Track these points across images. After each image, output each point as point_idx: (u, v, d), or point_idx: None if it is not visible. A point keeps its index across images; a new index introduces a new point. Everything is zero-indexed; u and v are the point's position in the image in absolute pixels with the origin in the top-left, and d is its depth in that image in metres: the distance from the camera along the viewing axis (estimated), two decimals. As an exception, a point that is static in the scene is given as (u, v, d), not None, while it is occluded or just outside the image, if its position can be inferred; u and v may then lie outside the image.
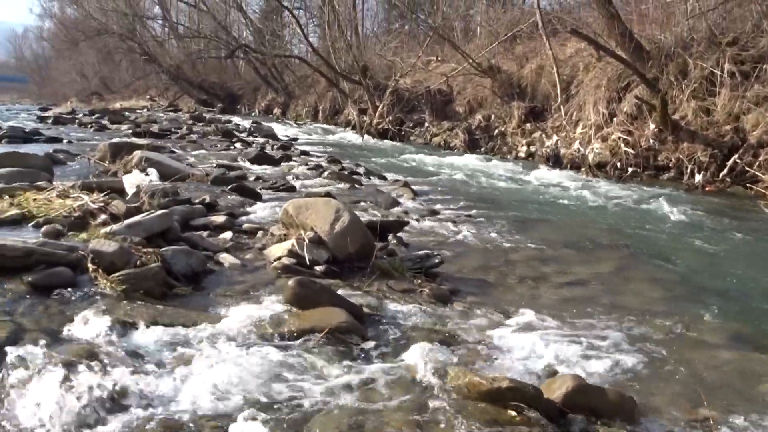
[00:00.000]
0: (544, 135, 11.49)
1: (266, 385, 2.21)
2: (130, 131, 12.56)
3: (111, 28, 28.54)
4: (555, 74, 10.87)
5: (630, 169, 9.24)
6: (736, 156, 8.15)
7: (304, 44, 24.04)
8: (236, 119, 20.41)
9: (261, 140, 12.71)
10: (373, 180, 8.05)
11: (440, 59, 16.37)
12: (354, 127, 17.50)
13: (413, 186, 7.37)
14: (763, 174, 7.74)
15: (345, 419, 2.03)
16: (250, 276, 3.46)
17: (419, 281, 3.73)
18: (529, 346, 2.88)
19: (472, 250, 4.74)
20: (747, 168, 8.01)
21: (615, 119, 9.89)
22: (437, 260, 4.06)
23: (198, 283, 3.26)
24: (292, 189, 6.59)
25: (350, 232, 3.76)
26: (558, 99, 10.72)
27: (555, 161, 10.69)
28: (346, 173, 8.05)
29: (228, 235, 4.13)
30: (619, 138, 9.53)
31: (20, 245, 2.91)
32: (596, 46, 10.30)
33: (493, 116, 13.44)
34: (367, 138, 15.66)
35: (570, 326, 3.22)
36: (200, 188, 5.94)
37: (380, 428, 2.00)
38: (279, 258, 3.63)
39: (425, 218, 5.67)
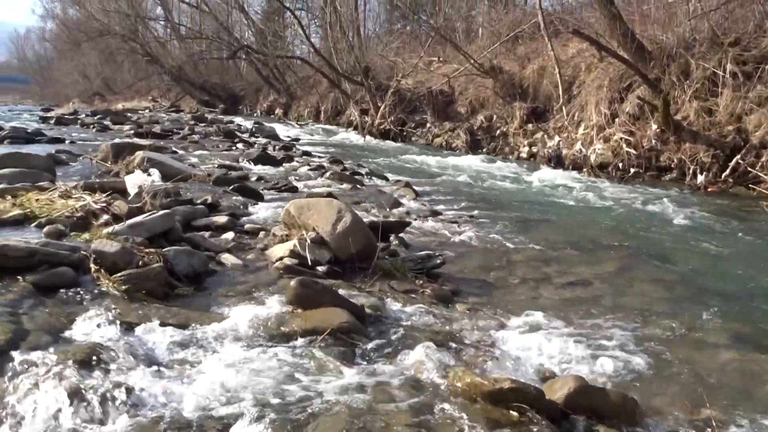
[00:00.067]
0: (546, 135, 11.49)
1: (269, 386, 2.21)
2: (132, 132, 12.60)
3: (113, 29, 28.61)
4: (557, 75, 10.87)
5: (632, 170, 9.23)
6: (739, 156, 8.14)
7: (306, 45, 24.07)
8: (238, 120, 20.45)
9: (263, 141, 12.72)
10: (375, 180, 8.05)
11: (442, 60, 16.36)
12: (356, 128, 17.51)
13: (415, 186, 7.37)
14: (766, 175, 7.73)
15: (347, 419, 2.03)
16: (252, 276, 3.46)
17: (421, 282, 3.74)
18: (531, 347, 2.88)
19: (474, 251, 4.74)
20: (749, 169, 8.00)
21: (617, 120, 9.88)
22: (439, 261, 4.06)
23: (200, 284, 3.26)
24: (294, 189, 6.59)
25: (352, 233, 3.77)
26: (560, 99, 10.73)
27: (557, 162, 10.68)
28: (348, 174, 8.05)
29: (230, 236, 4.13)
30: (621, 138, 9.52)
31: (23, 245, 2.91)
32: (598, 47, 10.29)
33: (495, 117, 13.44)
34: (369, 138, 15.67)
35: (572, 327, 3.22)
36: (202, 189, 5.94)
37: (383, 429, 2.00)
38: (281, 258, 3.64)
39: (427, 219, 5.66)
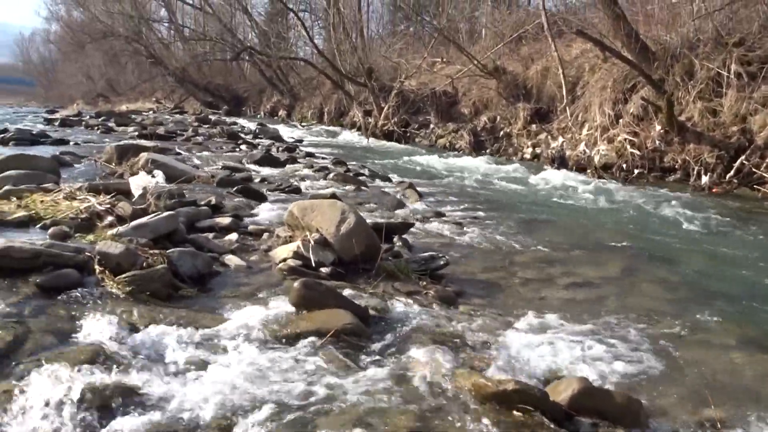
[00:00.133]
0: (550, 136, 11.47)
1: (272, 387, 2.22)
2: (136, 133, 12.61)
3: (117, 31, 28.71)
4: (560, 75, 10.86)
5: (636, 171, 9.22)
6: (743, 157, 8.12)
7: (309, 46, 24.15)
8: (241, 121, 20.48)
9: (266, 142, 12.72)
10: (378, 182, 8.05)
11: (445, 61, 16.37)
12: (359, 129, 17.53)
13: (418, 188, 7.37)
14: (770, 175, 7.72)
15: (351, 421, 2.03)
16: (256, 278, 3.46)
17: (424, 283, 3.73)
18: (535, 348, 2.87)
19: (478, 252, 4.73)
20: (754, 169, 7.98)
21: (621, 120, 9.87)
22: (442, 262, 4.06)
23: (204, 285, 3.26)
24: (298, 191, 6.60)
25: (356, 234, 3.76)
26: (564, 100, 10.72)
27: (560, 163, 10.67)
28: (352, 175, 8.05)
29: (233, 237, 4.13)
30: (625, 139, 9.51)
31: (28, 247, 2.91)
32: (602, 47, 10.28)
33: (499, 118, 13.43)
34: (372, 140, 15.68)
35: (576, 328, 3.21)
36: (206, 190, 5.95)
37: (386, 430, 2.00)
38: (284, 260, 3.63)
39: (431, 220, 5.66)
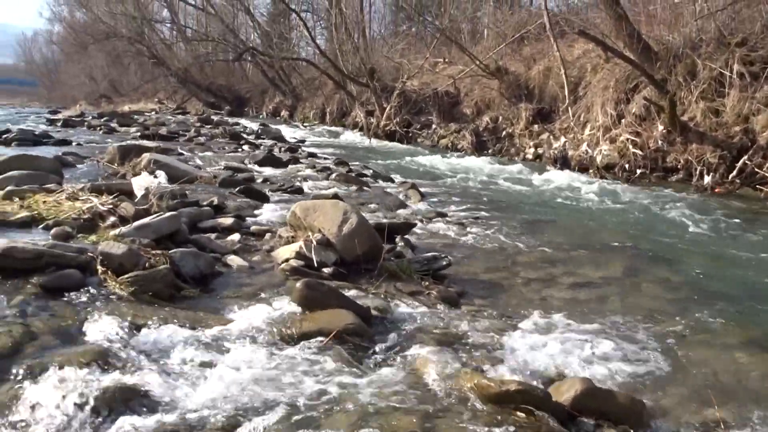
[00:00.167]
0: (552, 137, 11.46)
1: (275, 387, 2.21)
2: (139, 134, 12.63)
3: (120, 32, 28.74)
4: (563, 76, 10.84)
5: (638, 171, 9.20)
6: (746, 157, 8.10)
7: (312, 47, 24.15)
8: (244, 122, 20.48)
9: (268, 142, 12.73)
10: (381, 182, 8.05)
11: (447, 61, 16.36)
12: (361, 129, 17.54)
13: (421, 188, 7.37)
14: (773, 175, 7.70)
15: (354, 421, 2.02)
16: (258, 278, 3.46)
17: (427, 283, 3.72)
18: (538, 349, 2.87)
19: (480, 252, 4.73)
20: (757, 169, 7.96)
21: (623, 120, 9.86)
22: (445, 262, 4.06)
23: (206, 285, 3.26)
24: (300, 191, 6.60)
25: (358, 234, 3.76)
26: (566, 100, 10.70)
27: (563, 163, 10.66)
28: (354, 175, 8.05)
29: (236, 237, 4.13)
30: (628, 139, 9.49)
31: (30, 247, 2.92)
32: (604, 48, 10.27)
33: (501, 118, 13.42)
34: (375, 140, 15.68)
35: (579, 328, 3.21)
36: (208, 190, 5.95)
37: (389, 430, 1.99)
38: (287, 260, 3.63)
39: (433, 220, 5.66)
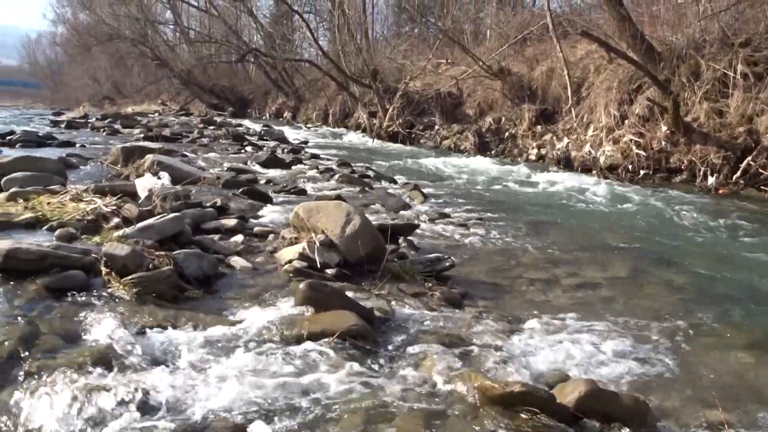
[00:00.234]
0: (555, 137, 11.45)
1: (278, 388, 2.22)
2: (142, 135, 12.67)
3: (123, 33, 28.81)
4: (566, 76, 10.84)
5: (642, 172, 9.18)
6: (750, 158, 8.08)
7: (314, 48, 24.16)
8: (247, 123, 20.51)
9: (271, 144, 12.75)
10: (384, 183, 8.05)
11: (450, 62, 16.35)
12: (364, 131, 17.55)
13: (423, 189, 7.37)
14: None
15: (357, 423, 2.03)
16: (262, 279, 3.46)
17: (430, 284, 3.72)
18: (542, 350, 2.87)
19: (483, 253, 4.73)
20: (761, 170, 7.94)
21: (626, 121, 9.84)
22: (448, 263, 4.05)
23: (209, 287, 3.27)
24: (303, 192, 6.61)
25: (361, 236, 3.76)
26: (569, 101, 10.69)
27: (566, 164, 10.65)
28: (357, 176, 8.06)
29: (239, 238, 4.14)
30: (631, 140, 9.48)
31: (35, 248, 2.93)
32: (607, 48, 10.25)
33: (504, 119, 13.41)
34: (377, 141, 15.68)
35: (582, 330, 3.20)
36: (211, 191, 5.97)
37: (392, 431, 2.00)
38: (290, 261, 3.64)
39: (436, 221, 5.65)
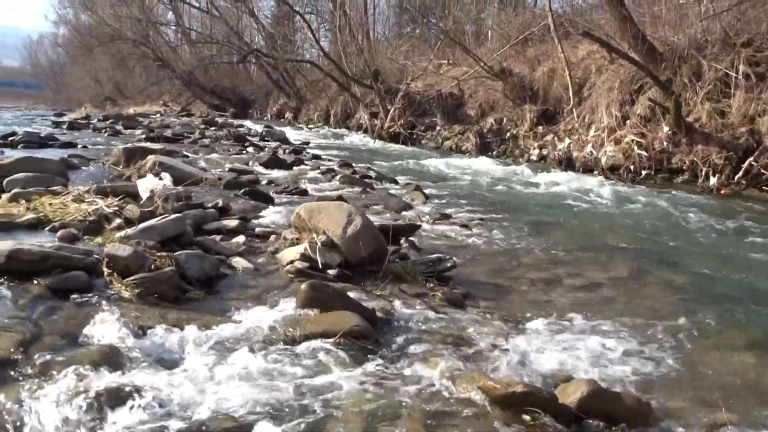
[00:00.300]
0: (557, 138, 11.44)
1: (280, 389, 2.22)
2: (144, 136, 12.68)
3: (125, 34, 28.84)
4: (567, 77, 10.84)
5: (643, 172, 9.18)
6: (752, 158, 8.07)
7: (316, 49, 24.22)
8: (248, 124, 20.53)
9: (273, 144, 12.76)
10: (385, 183, 8.05)
11: (451, 63, 16.36)
12: (365, 131, 17.56)
13: (425, 190, 7.37)
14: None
15: (359, 423, 2.03)
16: (263, 280, 3.46)
17: (432, 285, 3.72)
18: (543, 350, 2.87)
19: (485, 254, 4.72)
20: (763, 171, 7.93)
21: (628, 122, 9.83)
22: (449, 264, 4.05)
23: (211, 287, 3.27)
24: (305, 193, 6.61)
25: (362, 236, 3.76)
26: (570, 102, 10.69)
27: (567, 164, 10.64)
28: (358, 177, 8.06)
29: (241, 239, 4.14)
30: (633, 140, 9.47)
31: (36, 249, 2.93)
32: (609, 49, 10.25)
33: (505, 119, 13.41)
34: (379, 142, 15.69)
35: (584, 330, 3.20)
36: (213, 192, 5.97)
37: (394, 432, 1.99)
38: (292, 262, 3.64)
39: (437, 222, 5.65)
